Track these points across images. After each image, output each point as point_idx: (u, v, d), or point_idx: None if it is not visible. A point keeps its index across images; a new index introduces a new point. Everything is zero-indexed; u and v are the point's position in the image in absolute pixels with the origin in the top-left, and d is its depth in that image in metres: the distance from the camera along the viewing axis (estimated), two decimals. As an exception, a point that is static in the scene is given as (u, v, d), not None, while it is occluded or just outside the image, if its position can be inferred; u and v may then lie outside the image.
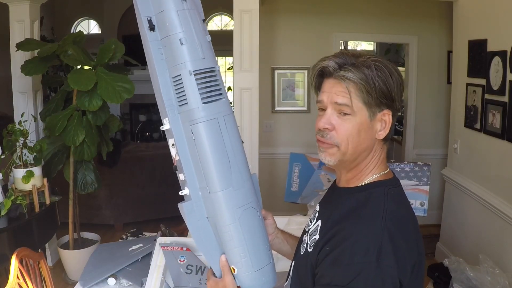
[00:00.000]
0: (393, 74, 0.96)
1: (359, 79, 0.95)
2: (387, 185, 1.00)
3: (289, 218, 2.15)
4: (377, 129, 0.99)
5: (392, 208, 0.96)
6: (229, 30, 7.03)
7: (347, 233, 0.92)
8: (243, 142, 1.10)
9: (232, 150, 1.03)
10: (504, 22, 2.67)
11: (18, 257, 1.72)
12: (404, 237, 0.93)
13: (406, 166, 2.42)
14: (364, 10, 4.11)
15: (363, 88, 0.95)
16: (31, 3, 3.40)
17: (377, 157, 1.02)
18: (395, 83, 0.96)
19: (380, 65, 0.96)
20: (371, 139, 0.99)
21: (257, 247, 1.06)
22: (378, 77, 0.95)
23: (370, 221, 0.93)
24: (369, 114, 0.97)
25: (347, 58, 0.98)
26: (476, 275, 2.44)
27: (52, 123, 2.97)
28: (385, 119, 0.98)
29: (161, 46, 1.02)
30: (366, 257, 0.88)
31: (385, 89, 0.95)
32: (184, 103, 1.01)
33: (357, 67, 0.95)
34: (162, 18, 1.01)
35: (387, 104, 0.97)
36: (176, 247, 1.51)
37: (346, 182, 1.05)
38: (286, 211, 2.56)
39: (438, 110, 4.22)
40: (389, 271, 0.88)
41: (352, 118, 0.97)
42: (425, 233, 3.96)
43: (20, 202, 2.66)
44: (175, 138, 1.03)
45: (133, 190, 4.26)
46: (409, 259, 0.92)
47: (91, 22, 7.68)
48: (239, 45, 3.04)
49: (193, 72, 1.00)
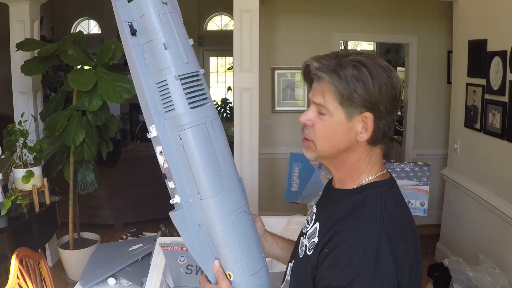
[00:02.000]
0: (375, 76, 0.92)
1: (332, 79, 0.94)
2: (384, 186, 1.00)
3: (289, 218, 2.15)
4: (357, 130, 0.96)
5: (390, 208, 0.95)
6: (229, 30, 7.03)
7: (345, 235, 0.92)
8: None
9: (222, 154, 1.02)
10: (504, 22, 2.67)
11: (18, 257, 1.72)
12: (402, 238, 0.93)
13: (406, 166, 2.42)
14: (364, 10, 4.11)
15: (335, 89, 0.94)
16: (31, 3, 3.40)
17: (367, 160, 1.01)
18: (376, 85, 0.92)
19: (359, 65, 0.93)
20: (349, 140, 0.98)
21: (252, 251, 1.05)
22: (353, 78, 0.92)
23: (368, 222, 0.93)
24: (346, 115, 0.95)
25: (329, 59, 0.96)
26: (476, 275, 2.44)
27: (52, 123, 2.97)
28: (366, 122, 0.95)
29: (143, 51, 0.99)
30: (364, 259, 0.88)
31: (362, 91, 0.92)
32: (171, 109, 0.98)
33: (334, 68, 0.94)
34: (143, 22, 0.98)
35: (366, 106, 0.94)
36: (176, 247, 1.51)
37: (340, 183, 1.05)
38: (286, 211, 2.56)
39: (438, 110, 4.22)
40: (388, 272, 0.88)
41: (329, 118, 0.97)
42: (425, 233, 3.98)
43: (20, 202, 2.66)
44: (163, 145, 1.00)
45: (133, 190, 4.26)
46: (407, 261, 0.92)
47: (91, 22, 7.68)
48: (239, 45, 3.04)
49: (179, 77, 0.97)
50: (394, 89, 0.95)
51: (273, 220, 2.15)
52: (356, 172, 1.01)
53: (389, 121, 0.97)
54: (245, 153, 3.14)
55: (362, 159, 1.01)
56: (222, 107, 7.02)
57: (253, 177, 3.15)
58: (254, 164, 3.16)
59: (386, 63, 0.96)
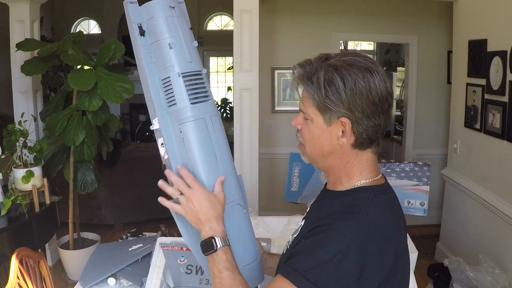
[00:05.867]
0: (347, 81, 0.91)
1: (306, 86, 0.96)
2: (373, 192, 0.98)
3: (289, 218, 2.15)
4: (338, 135, 0.97)
5: (373, 215, 0.93)
6: (229, 30, 7.03)
7: (319, 230, 0.93)
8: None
9: (219, 149, 1.08)
10: (504, 22, 2.67)
11: (18, 257, 1.72)
12: (378, 246, 0.91)
13: (406, 166, 2.42)
14: (364, 10, 4.11)
15: (311, 96, 0.96)
16: (31, 3, 3.40)
17: (355, 164, 1.00)
18: (349, 90, 0.91)
19: (332, 70, 0.92)
20: (331, 145, 0.98)
21: (244, 243, 1.09)
22: (325, 83, 0.92)
23: (346, 224, 0.91)
24: (324, 120, 0.96)
25: (313, 64, 0.96)
26: (476, 275, 2.44)
27: (52, 123, 2.97)
28: (344, 127, 0.95)
29: (150, 50, 1.07)
30: (327, 255, 0.87)
31: (334, 96, 0.92)
32: (173, 104, 1.05)
33: (309, 74, 0.96)
34: (152, 24, 1.06)
35: (340, 112, 0.93)
36: (176, 247, 1.52)
37: (332, 185, 1.06)
38: (286, 211, 2.56)
39: (438, 110, 4.22)
40: (346, 276, 0.87)
41: (311, 123, 0.99)
42: (425, 233, 3.98)
43: (20, 202, 2.66)
44: (164, 137, 1.07)
45: (133, 190, 4.26)
46: (378, 270, 0.90)
47: (91, 22, 7.68)
48: (239, 45, 3.04)
49: (182, 74, 1.04)
50: (372, 93, 0.92)
51: (273, 220, 2.15)
52: (345, 176, 1.01)
53: (372, 125, 0.95)
54: (245, 153, 3.14)
55: (350, 163, 1.00)
56: (222, 107, 7.02)
57: (253, 177, 3.15)
58: (254, 164, 3.16)
59: (370, 66, 0.93)
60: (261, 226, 2.08)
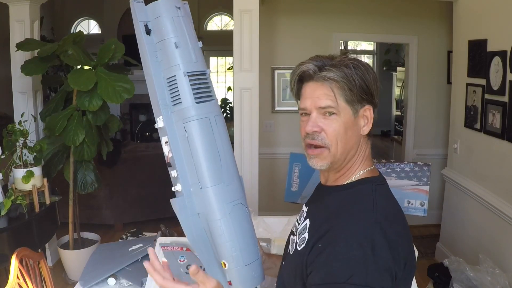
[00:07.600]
0: (368, 71, 1.00)
1: (341, 77, 0.98)
2: (374, 182, 1.03)
3: (289, 218, 2.15)
4: (361, 125, 1.02)
5: (382, 203, 0.98)
6: (229, 30, 7.04)
7: (340, 229, 0.93)
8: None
9: (223, 148, 1.08)
10: (504, 22, 2.67)
11: (18, 257, 1.72)
12: (395, 231, 0.94)
13: (406, 166, 2.42)
14: (364, 10, 4.11)
15: (345, 86, 0.98)
16: (31, 3, 3.40)
17: (363, 153, 1.05)
18: (372, 79, 1.00)
19: (356, 63, 1.00)
20: (356, 136, 1.03)
21: (247, 242, 1.10)
22: (356, 75, 0.98)
23: (361, 216, 0.94)
24: (353, 111, 1.00)
25: (324, 60, 1.01)
26: (476, 275, 2.44)
27: (52, 123, 2.97)
28: (366, 115, 1.02)
29: (156, 49, 1.08)
30: (361, 251, 0.88)
31: (364, 85, 0.99)
32: (178, 102, 1.06)
33: (336, 66, 0.99)
34: (158, 23, 1.07)
35: (367, 99, 1.01)
36: (176, 247, 1.52)
37: (332, 181, 1.07)
38: (286, 211, 2.56)
39: (438, 110, 4.22)
40: (386, 262, 0.89)
41: (338, 118, 1.00)
42: (425, 233, 3.98)
43: (20, 202, 2.66)
44: (169, 135, 1.08)
45: (133, 190, 4.27)
46: (401, 253, 0.93)
47: (91, 22, 7.68)
48: (239, 45, 3.04)
49: (187, 74, 1.06)
50: (378, 81, 1.03)
51: (273, 220, 2.15)
52: (352, 168, 1.04)
53: (376, 109, 1.06)
54: (245, 153, 3.14)
55: (361, 153, 1.05)
56: (222, 107, 7.03)
57: (253, 177, 3.15)
58: (254, 164, 3.16)
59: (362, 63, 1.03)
60: (261, 226, 2.08)
